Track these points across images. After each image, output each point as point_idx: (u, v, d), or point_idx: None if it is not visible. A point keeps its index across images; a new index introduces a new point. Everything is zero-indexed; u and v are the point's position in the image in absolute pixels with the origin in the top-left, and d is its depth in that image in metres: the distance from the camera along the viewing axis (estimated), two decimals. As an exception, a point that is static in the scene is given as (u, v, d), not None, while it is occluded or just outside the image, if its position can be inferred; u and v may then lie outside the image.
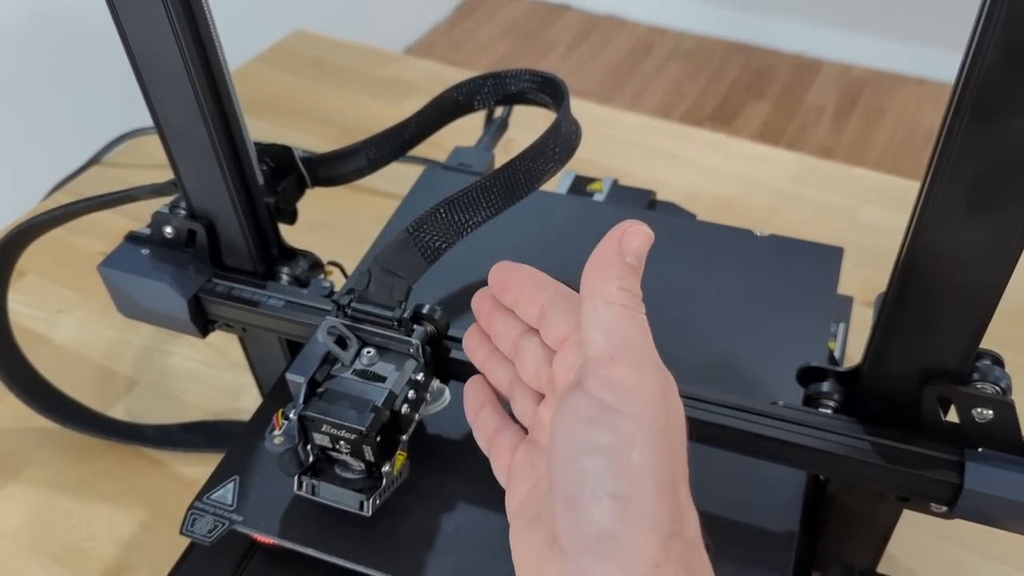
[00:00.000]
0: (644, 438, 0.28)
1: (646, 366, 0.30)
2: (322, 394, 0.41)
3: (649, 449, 0.28)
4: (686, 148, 0.87)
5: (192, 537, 0.43)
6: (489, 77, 0.51)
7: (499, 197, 0.43)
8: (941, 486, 0.37)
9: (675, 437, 0.29)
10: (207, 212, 0.48)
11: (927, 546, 0.53)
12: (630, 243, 0.32)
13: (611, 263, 0.32)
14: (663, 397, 0.29)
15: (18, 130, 1.42)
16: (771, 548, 0.41)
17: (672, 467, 0.28)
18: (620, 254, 0.32)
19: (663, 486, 0.28)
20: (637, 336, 0.31)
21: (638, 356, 0.30)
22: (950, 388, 0.36)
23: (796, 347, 0.49)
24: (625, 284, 0.32)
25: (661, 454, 0.28)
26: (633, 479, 0.28)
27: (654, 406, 0.29)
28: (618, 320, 0.31)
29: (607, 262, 0.32)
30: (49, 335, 0.70)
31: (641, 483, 0.28)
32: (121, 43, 0.43)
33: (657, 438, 0.28)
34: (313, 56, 1.04)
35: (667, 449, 0.29)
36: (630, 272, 0.32)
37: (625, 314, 0.31)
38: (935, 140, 0.31)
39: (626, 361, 0.30)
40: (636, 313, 0.31)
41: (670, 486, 0.28)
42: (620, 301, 0.31)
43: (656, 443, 0.28)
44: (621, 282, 0.32)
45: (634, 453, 0.28)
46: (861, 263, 0.62)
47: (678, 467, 0.29)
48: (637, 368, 0.30)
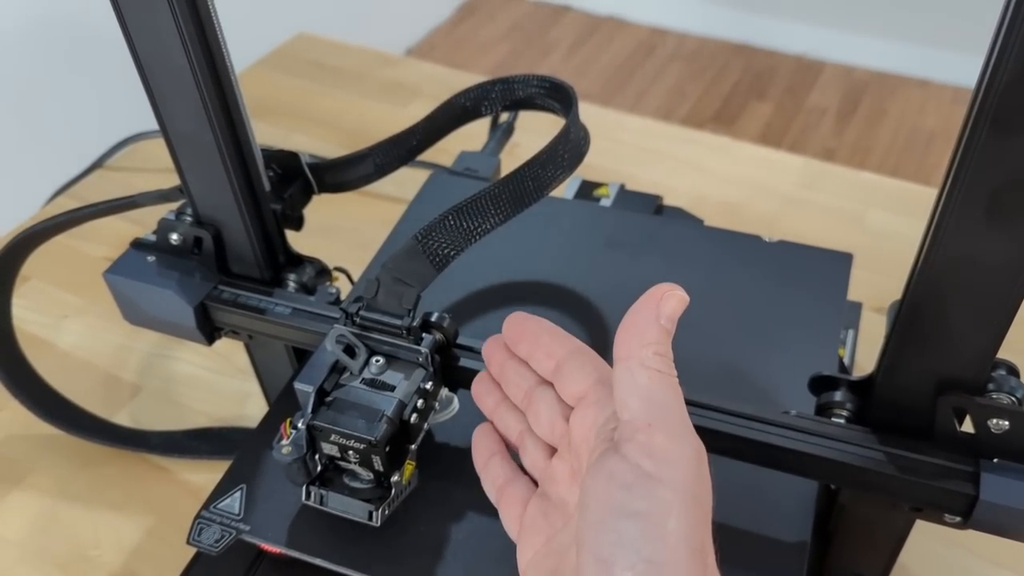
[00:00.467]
0: (680, 506, 0.29)
1: (683, 434, 0.31)
2: (331, 403, 0.40)
3: (684, 517, 0.29)
4: (691, 152, 0.87)
5: (199, 547, 0.43)
6: (497, 82, 0.51)
7: (508, 204, 0.43)
8: (956, 497, 0.37)
9: (705, 503, 0.30)
10: (213, 219, 0.48)
11: (937, 554, 0.53)
12: (666, 307, 0.32)
13: (648, 327, 0.32)
14: (697, 465, 0.30)
15: (20, 133, 1.41)
16: (783, 559, 0.41)
17: (702, 533, 0.29)
18: (656, 318, 0.32)
19: (694, 551, 0.29)
20: (673, 403, 0.31)
21: (675, 424, 0.31)
22: (966, 399, 0.36)
23: (806, 355, 0.49)
24: (661, 349, 0.32)
25: (694, 521, 0.29)
26: (668, 546, 0.28)
27: (690, 474, 0.30)
28: (655, 386, 0.31)
29: (643, 326, 0.32)
30: (53, 341, 0.70)
31: (675, 549, 0.28)
32: (128, 49, 0.42)
33: (691, 505, 0.29)
34: (315, 59, 1.04)
35: (699, 516, 0.29)
36: (665, 336, 0.32)
37: (662, 380, 0.31)
38: (953, 149, 0.31)
39: (664, 429, 0.30)
40: (672, 379, 0.32)
41: (700, 551, 0.29)
42: (656, 366, 0.32)
43: (690, 510, 0.29)
44: (657, 347, 0.32)
45: (670, 521, 0.29)
46: (869, 268, 0.62)
47: (706, 532, 0.30)
48: (675, 437, 0.30)
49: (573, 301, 0.54)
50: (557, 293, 0.54)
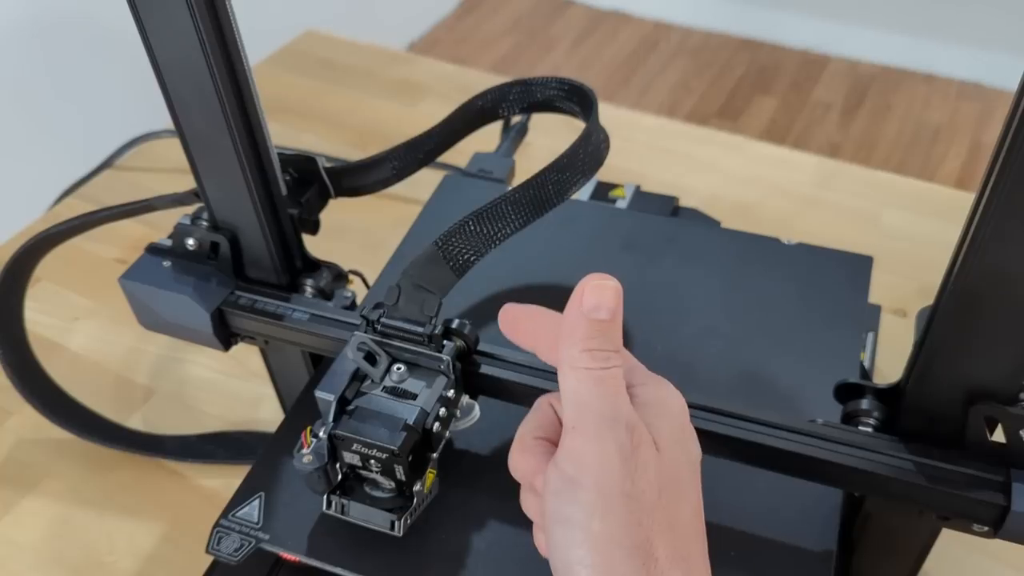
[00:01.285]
0: (604, 506, 0.29)
1: (605, 431, 0.30)
2: (352, 412, 0.40)
3: (611, 516, 0.28)
4: (704, 151, 0.86)
5: (218, 556, 0.42)
6: (516, 84, 0.50)
7: (528, 209, 0.43)
8: (987, 507, 0.36)
9: (646, 499, 0.29)
10: (230, 223, 0.48)
11: (959, 558, 0.52)
12: (594, 300, 0.31)
13: (576, 326, 0.31)
14: (624, 462, 0.29)
15: (30, 133, 1.41)
16: (809, 567, 0.41)
17: (641, 532, 0.28)
18: (581, 315, 0.31)
19: (630, 551, 0.28)
20: (598, 400, 0.30)
21: (597, 422, 0.30)
22: (998, 409, 0.36)
23: (828, 360, 0.48)
24: (591, 344, 0.31)
25: (625, 519, 0.28)
26: (595, 549, 0.28)
27: (612, 472, 0.29)
28: (581, 386, 0.31)
29: (572, 325, 0.31)
30: (64, 343, 0.69)
31: (607, 551, 0.28)
32: (144, 50, 0.42)
33: (619, 504, 0.29)
34: (324, 57, 1.03)
35: (633, 514, 0.29)
36: (598, 330, 0.31)
37: (588, 378, 0.31)
38: (992, 155, 0.30)
39: (583, 430, 0.30)
40: (599, 372, 0.31)
41: (639, 549, 0.28)
42: (583, 364, 0.31)
43: (618, 509, 0.29)
44: (586, 343, 0.31)
45: (595, 523, 0.28)
46: (886, 269, 0.62)
47: (652, 530, 0.29)
48: (594, 436, 0.30)
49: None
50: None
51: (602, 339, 0.31)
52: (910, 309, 0.68)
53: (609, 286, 0.31)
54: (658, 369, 0.49)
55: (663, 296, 0.53)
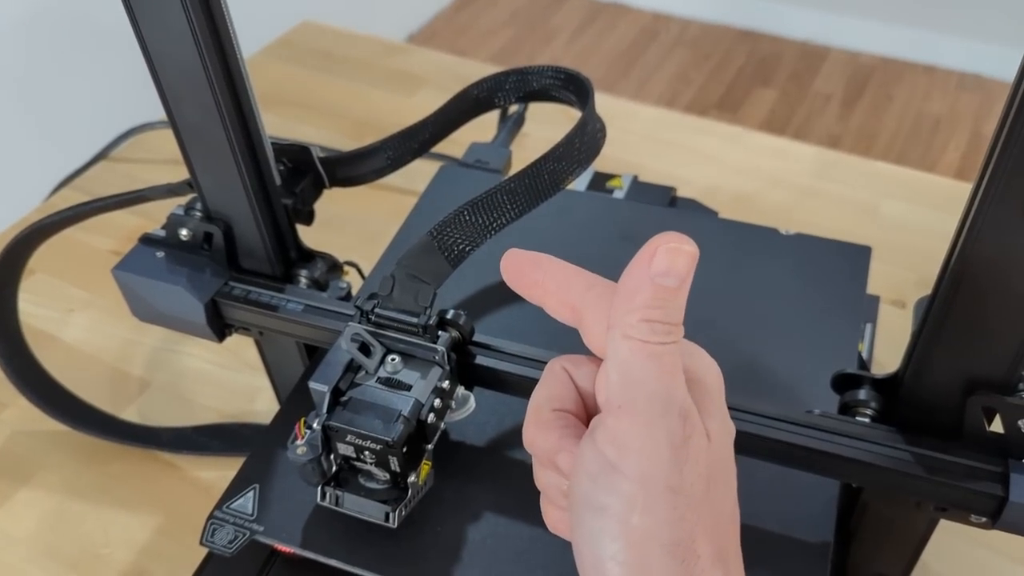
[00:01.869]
0: (646, 500, 0.26)
1: (656, 417, 0.27)
2: (346, 403, 0.40)
3: (652, 512, 0.26)
4: (702, 141, 0.86)
5: (212, 548, 0.42)
6: (511, 73, 0.50)
7: (524, 198, 0.42)
8: (985, 498, 0.36)
9: (693, 493, 0.27)
10: (224, 214, 0.47)
11: (958, 550, 0.52)
12: (666, 264, 0.27)
13: (638, 289, 0.27)
14: (674, 453, 0.26)
15: (24, 124, 1.40)
16: (806, 559, 0.40)
17: (684, 529, 0.26)
18: (649, 277, 0.27)
19: (669, 550, 0.26)
20: (652, 379, 0.27)
21: (648, 405, 0.27)
22: (996, 399, 0.35)
23: (827, 351, 0.48)
24: (652, 314, 0.27)
25: (667, 516, 0.26)
26: (633, 544, 0.26)
27: (660, 463, 0.26)
28: (635, 360, 0.27)
29: (634, 287, 0.27)
30: (59, 335, 0.69)
31: (643, 548, 0.26)
32: (136, 41, 0.41)
33: (663, 499, 0.26)
34: (321, 48, 1.03)
35: (677, 510, 0.26)
36: (662, 298, 0.27)
37: (644, 352, 0.27)
38: (990, 145, 0.30)
39: (632, 412, 0.27)
40: (659, 347, 0.27)
41: (679, 546, 0.26)
42: (641, 336, 0.27)
43: (661, 504, 0.26)
44: (647, 312, 0.27)
45: (634, 517, 0.26)
46: (884, 260, 0.61)
47: (697, 527, 0.26)
48: (644, 421, 0.27)
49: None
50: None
51: (666, 310, 0.27)
52: (908, 300, 0.68)
53: (686, 250, 0.27)
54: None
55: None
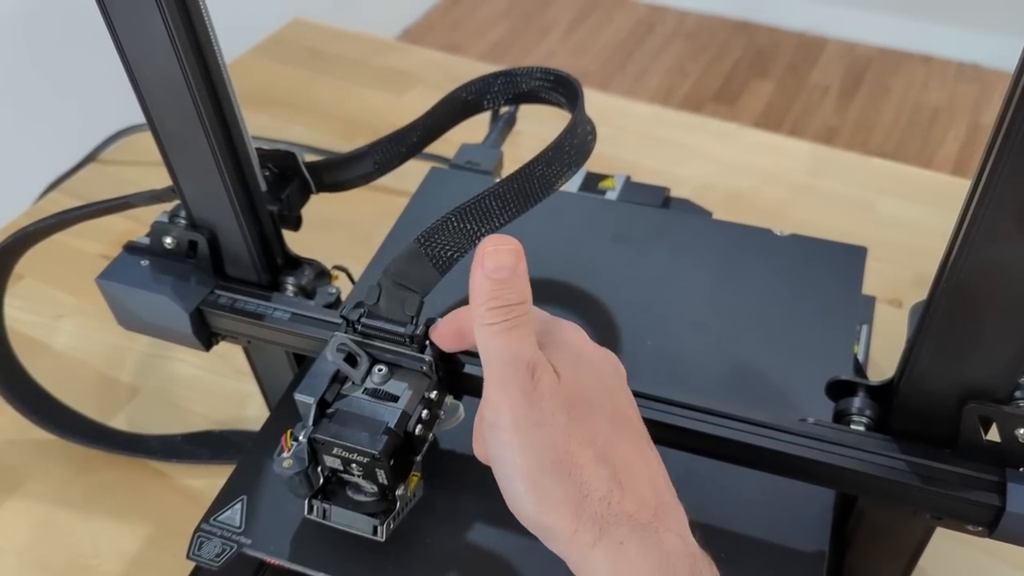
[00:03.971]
0: (520, 439, 0.32)
1: (508, 376, 0.33)
2: (332, 415, 0.39)
3: (528, 447, 0.32)
4: (696, 138, 0.85)
5: (199, 562, 0.42)
6: (500, 76, 0.49)
7: (513, 203, 0.42)
8: (982, 508, 0.36)
9: (556, 419, 0.32)
10: (208, 222, 0.46)
11: (955, 556, 0.52)
12: (490, 263, 0.34)
13: (480, 288, 0.34)
14: (526, 397, 0.32)
15: (13, 127, 1.39)
16: (801, 567, 0.40)
17: (559, 448, 0.32)
18: (484, 276, 0.34)
19: (553, 467, 0.32)
20: (501, 350, 0.33)
21: (501, 370, 0.33)
22: (992, 408, 0.35)
23: (821, 354, 0.48)
24: (492, 303, 0.34)
25: (542, 444, 0.32)
26: (527, 477, 0.32)
27: (520, 409, 0.32)
28: (488, 341, 0.34)
29: (476, 288, 0.34)
30: (48, 341, 0.69)
31: (535, 477, 0.32)
32: (114, 47, 0.41)
33: (532, 434, 0.32)
34: (311, 46, 1.02)
35: (547, 437, 0.32)
36: (499, 287, 0.34)
37: (492, 332, 0.33)
38: (985, 151, 0.29)
39: (492, 380, 0.33)
40: (503, 325, 0.33)
41: (561, 464, 0.32)
42: (488, 321, 0.34)
43: (532, 438, 0.32)
44: (489, 303, 0.34)
45: (518, 457, 0.32)
46: (880, 258, 0.60)
47: (570, 442, 0.32)
48: (500, 383, 0.33)
49: (580, 299, 0.53)
50: (564, 291, 0.53)
51: (504, 295, 0.34)
52: (905, 299, 0.67)
53: (505, 249, 0.34)
54: (649, 364, 0.48)
55: (653, 289, 0.52)
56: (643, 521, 0.32)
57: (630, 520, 0.31)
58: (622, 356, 0.38)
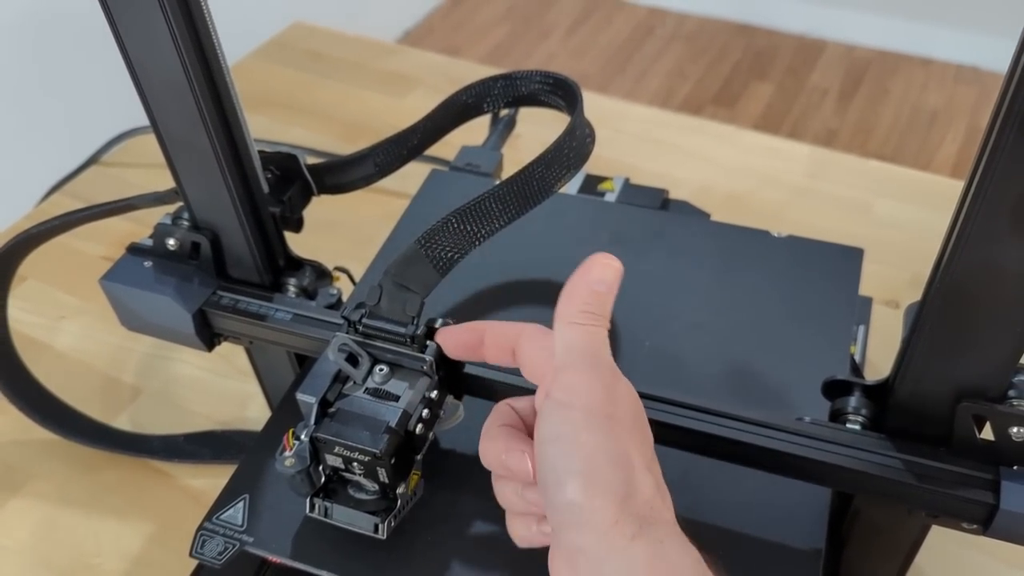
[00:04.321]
0: (590, 422, 0.33)
1: (592, 368, 0.35)
2: (334, 414, 0.39)
3: (596, 431, 0.33)
4: (695, 141, 0.86)
5: (202, 560, 0.42)
6: (499, 79, 0.49)
7: (512, 205, 0.42)
8: (976, 506, 0.36)
9: (624, 421, 0.34)
10: (211, 223, 0.47)
11: (952, 554, 0.52)
12: (599, 275, 0.36)
13: (578, 291, 0.36)
14: (607, 391, 0.34)
15: (16, 130, 1.40)
16: (797, 566, 0.40)
17: (621, 444, 0.33)
18: (587, 284, 0.36)
19: (613, 458, 0.32)
20: (588, 346, 0.35)
21: (585, 360, 0.35)
22: (986, 406, 0.35)
23: (818, 354, 0.48)
24: (589, 308, 0.36)
25: (608, 434, 0.33)
26: (583, 456, 0.32)
27: (598, 397, 0.34)
28: (576, 337, 0.35)
29: (575, 290, 0.36)
30: (51, 342, 0.69)
31: (593, 459, 0.32)
32: (118, 49, 0.41)
33: (603, 422, 0.33)
34: (312, 49, 1.02)
35: (614, 430, 0.33)
36: (597, 298, 0.36)
37: (583, 332, 0.35)
38: (978, 152, 0.30)
39: (575, 367, 0.35)
40: (592, 328, 0.35)
41: (620, 458, 0.33)
42: (581, 321, 0.35)
43: (602, 426, 0.33)
44: (585, 305, 0.36)
45: (582, 435, 0.33)
46: (878, 260, 0.61)
47: (629, 444, 0.33)
48: (583, 370, 0.34)
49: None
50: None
51: (598, 305, 0.36)
52: (902, 300, 0.68)
53: (614, 266, 0.37)
54: (647, 364, 0.49)
55: (652, 291, 0.53)
56: (676, 529, 0.33)
57: (668, 525, 0.33)
58: (621, 356, 0.38)
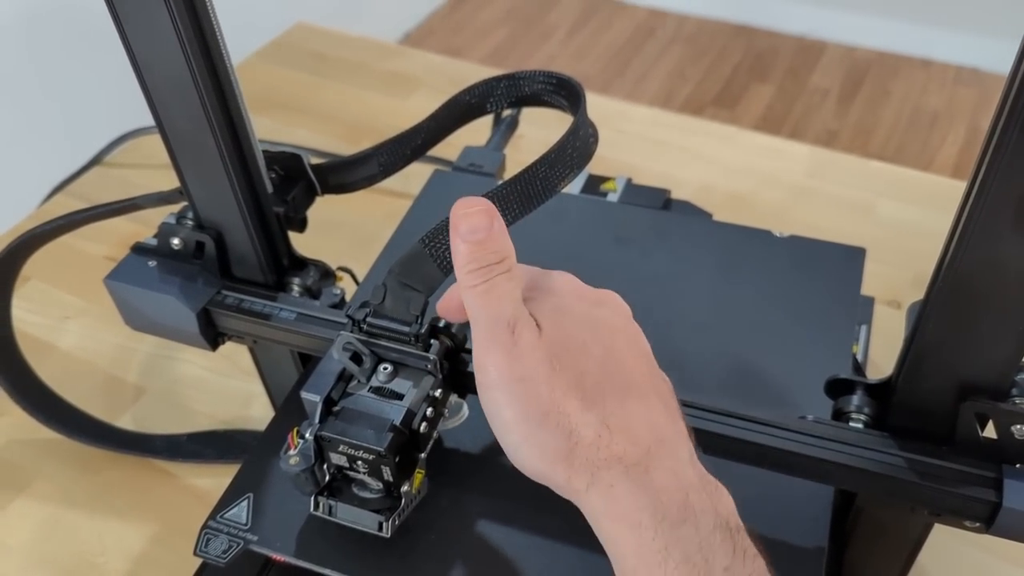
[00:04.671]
0: (506, 396, 0.33)
1: (489, 337, 0.34)
2: (338, 413, 0.40)
3: (514, 402, 0.33)
4: (696, 141, 0.86)
5: (206, 558, 0.42)
6: (503, 79, 0.49)
7: (515, 205, 0.42)
8: (979, 504, 0.36)
9: (538, 374, 0.33)
10: (215, 223, 0.47)
11: (954, 551, 0.52)
12: (468, 225, 0.34)
13: (457, 252, 0.35)
14: (508, 356, 0.33)
15: (19, 130, 1.40)
16: (800, 564, 0.40)
17: (543, 401, 0.33)
18: (459, 242, 0.34)
19: (541, 420, 0.33)
20: (481, 310, 0.34)
21: (483, 332, 0.34)
22: (989, 404, 0.35)
23: (821, 354, 0.48)
24: (471, 264, 0.34)
25: (525, 398, 0.33)
26: (517, 430, 0.33)
27: (502, 366, 0.33)
28: (471, 303, 0.35)
29: (454, 253, 0.35)
30: (54, 342, 0.69)
31: (526, 428, 0.33)
32: (124, 49, 0.41)
33: (516, 389, 0.33)
34: (315, 50, 1.02)
35: (530, 391, 0.33)
36: (475, 250, 0.34)
37: (474, 294, 0.34)
38: (981, 150, 0.30)
39: (475, 341, 0.34)
40: (484, 286, 0.34)
41: (548, 415, 0.33)
42: (469, 283, 0.34)
43: (517, 393, 0.33)
44: (468, 265, 0.34)
45: (505, 412, 0.33)
46: (879, 260, 0.61)
47: (555, 393, 0.33)
48: (483, 343, 0.34)
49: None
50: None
51: (482, 256, 0.34)
52: (904, 300, 0.68)
53: (475, 211, 0.34)
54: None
55: (654, 290, 0.53)
56: (633, 461, 0.32)
57: (619, 462, 0.32)
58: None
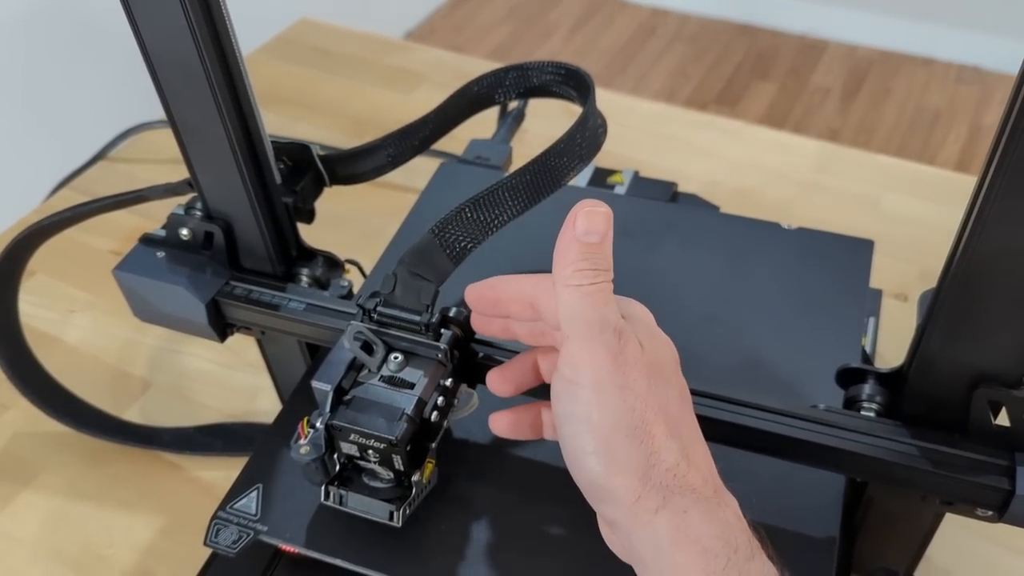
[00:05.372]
0: (599, 399, 0.32)
1: (594, 336, 0.33)
2: (349, 402, 0.40)
3: (607, 408, 0.32)
4: (702, 136, 0.86)
5: (216, 548, 0.42)
6: (511, 69, 0.49)
7: (525, 195, 0.42)
8: (991, 492, 0.36)
9: (637, 387, 0.33)
10: (224, 213, 0.47)
11: (962, 543, 0.52)
12: (586, 225, 0.34)
13: (568, 248, 0.34)
14: (614, 360, 0.33)
15: (24, 124, 1.40)
16: (811, 554, 0.40)
17: (636, 415, 0.32)
18: (574, 238, 0.34)
19: (628, 433, 0.32)
20: (589, 311, 0.33)
21: (586, 329, 0.33)
22: (1002, 392, 0.35)
23: (830, 345, 0.48)
24: (581, 265, 0.34)
25: (621, 407, 0.32)
26: (599, 436, 0.32)
27: (604, 369, 0.33)
28: (572, 300, 0.34)
29: (564, 248, 0.34)
30: (61, 336, 0.69)
31: (608, 438, 0.32)
32: (135, 39, 0.41)
33: (612, 396, 0.32)
34: (319, 46, 1.02)
35: (627, 401, 0.32)
36: (589, 251, 0.34)
37: (578, 293, 0.34)
38: (994, 138, 0.30)
39: (574, 337, 0.34)
40: (589, 287, 0.34)
41: (636, 430, 0.32)
42: (575, 282, 0.34)
43: (612, 400, 0.32)
44: (577, 264, 0.34)
45: (594, 415, 0.32)
46: (886, 253, 0.61)
47: (647, 411, 0.33)
48: (584, 340, 0.33)
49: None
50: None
51: (592, 259, 0.34)
52: (911, 293, 0.68)
53: (600, 212, 0.34)
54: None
55: (663, 282, 0.53)
56: (706, 495, 0.32)
57: (694, 492, 0.32)
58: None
